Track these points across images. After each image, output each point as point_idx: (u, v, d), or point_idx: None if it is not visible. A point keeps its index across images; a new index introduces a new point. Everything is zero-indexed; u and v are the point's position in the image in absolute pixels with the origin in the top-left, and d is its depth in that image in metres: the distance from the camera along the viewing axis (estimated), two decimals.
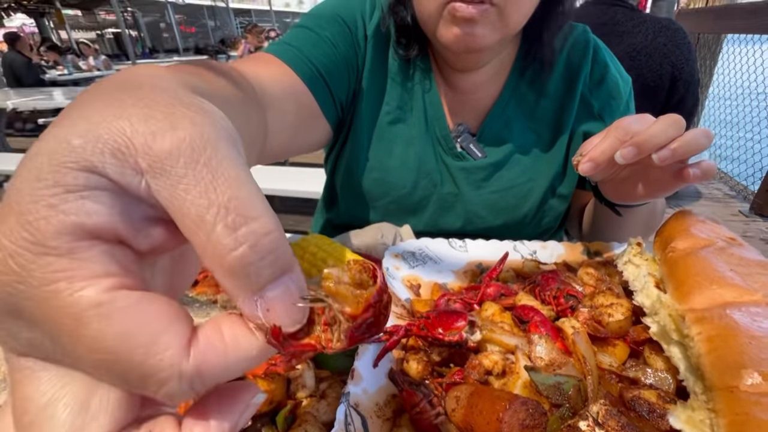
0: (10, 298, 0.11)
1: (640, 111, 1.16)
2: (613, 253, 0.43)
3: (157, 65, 0.22)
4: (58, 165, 0.11)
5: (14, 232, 0.11)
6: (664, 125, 0.30)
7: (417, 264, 0.45)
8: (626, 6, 1.16)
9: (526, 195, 0.55)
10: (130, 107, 0.12)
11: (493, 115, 0.55)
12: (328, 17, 0.52)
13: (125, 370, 0.11)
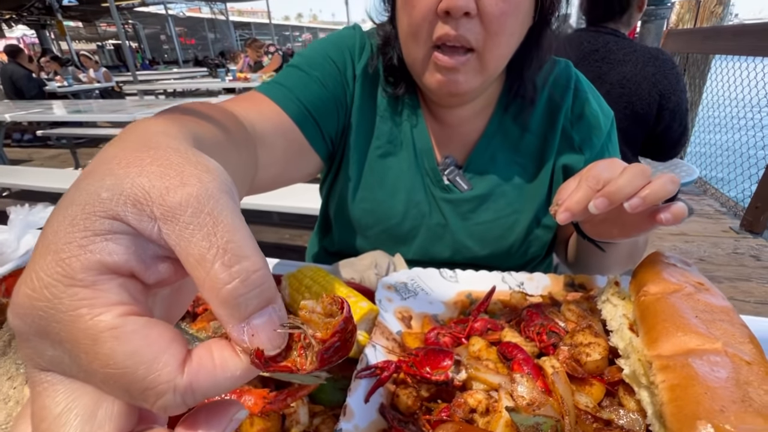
0: (41, 320, 0.14)
1: (630, 136, 1.20)
2: (596, 287, 0.45)
3: (165, 118, 0.25)
4: (89, 213, 0.14)
5: (50, 267, 0.14)
6: (631, 176, 0.32)
7: (409, 295, 0.46)
8: (618, 35, 1.20)
9: (511, 226, 0.57)
10: (148, 166, 0.15)
11: (479, 149, 0.57)
12: (319, 58, 0.55)
13: (130, 383, 0.14)
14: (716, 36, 2.74)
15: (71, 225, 0.14)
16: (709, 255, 2.13)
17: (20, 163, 4.58)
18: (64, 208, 0.15)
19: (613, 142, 0.58)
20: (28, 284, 0.14)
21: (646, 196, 0.31)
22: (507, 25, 0.43)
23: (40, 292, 0.13)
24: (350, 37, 0.57)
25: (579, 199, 0.33)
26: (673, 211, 0.32)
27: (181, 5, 16.07)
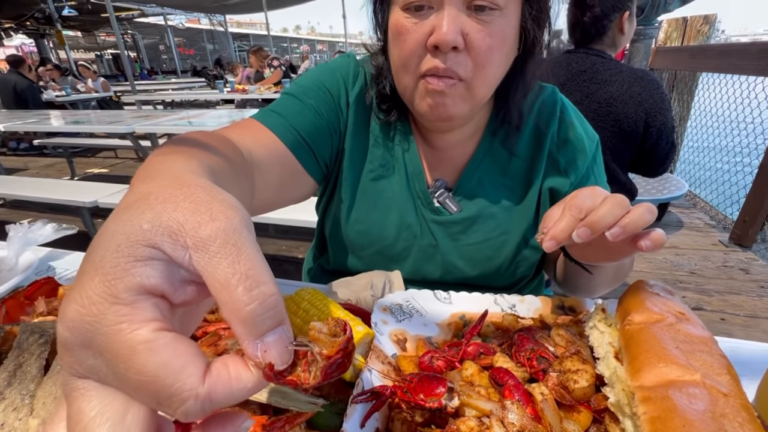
0: (87, 332, 0.16)
1: (619, 153, 1.23)
2: (585, 309, 0.47)
3: (184, 154, 0.29)
4: (133, 242, 0.17)
5: (98, 287, 0.16)
6: (611, 206, 0.34)
7: (404, 317, 0.48)
8: (604, 56, 1.25)
9: (500, 247, 0.59)
10: (182, 202, 0.18)
11: (468, 172, 0.59)
12: (314, 86, 0.57)
13: (159, 390, 0.15)
14: (702, 54, 2.83)
15: (116, 251, 0.16)
16: (699, 268, 2.16)
17: (15, 172, 4.55)
18: (111, 236, 0.17)
19: (598, 165, 0.60)
20: (78, 301, 0.16)
21: (626, 225, 0.33)
22: (493, 58, 0.45)
23: (88, 308, 0.16)
24: (344, 65, 0.60)
25: (563, 228, 0.34)
26: (653, 238, 0.34)
27: (180, 17, 16.25)
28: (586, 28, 1.24)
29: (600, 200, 0.35)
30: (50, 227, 0.74)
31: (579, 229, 0.34)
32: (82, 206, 2.19)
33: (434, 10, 0.44)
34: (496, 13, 0.43)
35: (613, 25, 1.22)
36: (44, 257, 0.72)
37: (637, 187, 1.41)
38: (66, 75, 6.73)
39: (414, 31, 0.45)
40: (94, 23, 14.42)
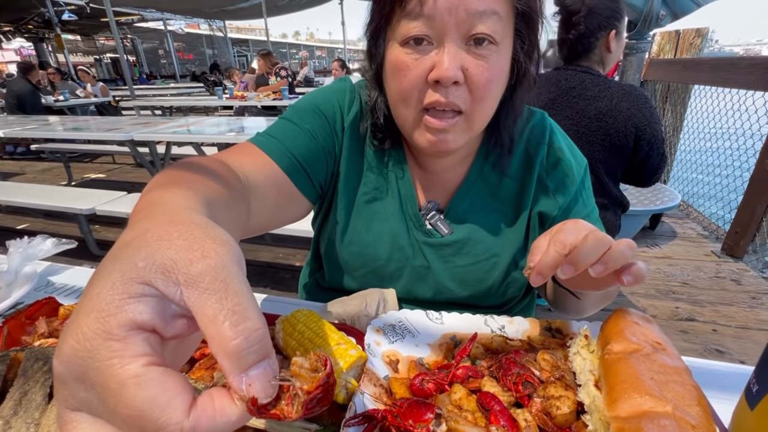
0: (80, 367, 0.17)
1: (611, 166, 1.26)
2: (571, 332, 0.48)
3: (183, 188, 0.31)
4: (128, 279, 0.18)
5: (93, 323, 0.17)
6: (594, 244, 0.35)
7: (396, 338, 0.49)
8: (592, 73, 1.28)
9: (490, 269, 0.60)
10: (176, 240, 0.19)
11: (460, 195, 0.60)
12: (309, 111, 0.59)
13: (145, 423, 0.16)
14: (694, 67, 2.88)
15: (112, 288, 0.17)
16: (692, 278, 2.19)
17: (12, 176, 4.54)
18: (108, 274, 0.18)
19: (586, 189, 0.61)
20: (74, 337, 0.17)
21: (607, 263, 0.34)
22: (491, 91, 0.48)
23: (82, 344, 0.16)
24: (341, 90, 0.61)
25: (548, 264, 0.36)
26: (634, 273, 0.35)
27: (180, 22, 16.34)
28: (572, 46, 1.27)
29: (583, 236, 0.36)
30: (50, 242, 0.75)
31: (563, 266, 0.35)
32: (79, 213, 2.20)
33: (434, 46, 0.46)
34: (493, 48, 0.45)
35: (600, 43, 1.25)
36: (43, 272, 0.73)
37: (628, 199, 1.43)
38: (66, 79, 6.75)
39: (415, 67, 0.46)
40: (94, 27, 14.47)
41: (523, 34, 0.48)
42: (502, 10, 0.45)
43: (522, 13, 0.46)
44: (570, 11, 1.22)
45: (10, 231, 3.01)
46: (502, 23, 0.45)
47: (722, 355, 1.64)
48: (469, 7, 0.43)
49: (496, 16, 0.44)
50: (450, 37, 0.44)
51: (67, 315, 0.48)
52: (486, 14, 0.43)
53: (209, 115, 7.31)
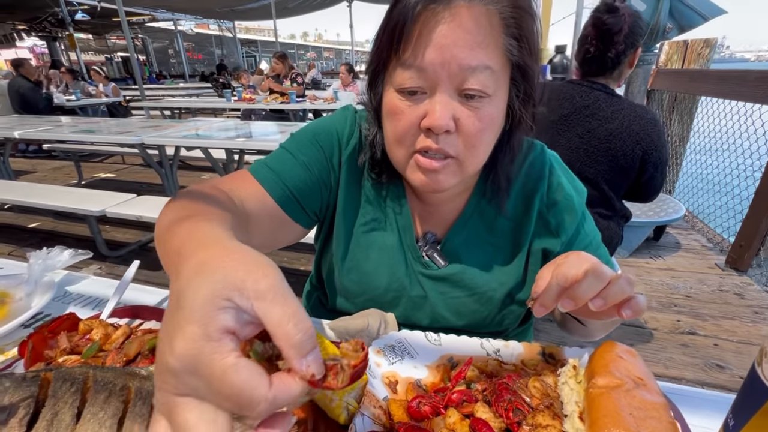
0: (192, 361, 0.22)
1: (616, 185, 1.28)
2: (564, 358, 0.51)
3: (216, 216, 0.38)
4: (215, 296, 0.23)
5: (196, 330, 0.22)
6: (593, 279, 0.36)
7: (396, 359, 0.51)
8: (607, 91, 1.28)
9: (486, 302, 0.61)
10: (238, 265, 0.25)
11: (456, 228, 0.61)
12: (307, 142, 0.60)
13: (241, 398, 0.22)
14: (702, 78, 2.88)
15: (203, 304, 0.23)
16: (695, 291, 2.19)
17: (24, 174, 4.63)
18: (193, 296, 0.24)
19: (587, 219, 0.62)
20: (184, 340, 0.22)
21: (606, 297, 0.36)
22: (483, 139, 0.48)
23: (191, 344, 0.22)
24: (341, 122, 0.62)
25: (550, 297, 0.38)
26: (633, 307, 0.37)
27: (190, 22, 16.52)
28: (605, 63, 1.26)
29: (583, 269, 0.37)
30: (67, 253, 0.78)
31: (563, 300, 0.37)
32: (89, 214, 2.25)
33: (427, 96, 0.47)
34: (486, 100, 0.46)
35: (626, 60, 1.26)
36: (60, 281, 0.76)
37: (632, 210, 1.45)
38: (77, 79, 6.87)
39: (409, 113, 0.47)
40: (106, 27, 14.68)
41: (518, 84, 0.48)
42: (496, 64, 0.45)
43: (517, 65, 0.47)
44: (611, 31, 1.21)
45: (21, 229, 3.08)
46: (494, 76, 0.45)
47: (722, 370, 1.64)
48: (461, 62, 0.43)
49: (488, 70, 0.44)
50: (442, 88, 0.45)
51: (87, 330, 0.51)
52: (478, 69, 0.44)
53: (217, 116, 7.40)
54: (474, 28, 0.43)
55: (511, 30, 0.45)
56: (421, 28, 0.44)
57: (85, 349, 0.47)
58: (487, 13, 0.44)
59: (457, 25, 0.43)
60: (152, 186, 4.04)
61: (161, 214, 0.41)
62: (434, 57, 0.44)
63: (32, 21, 12.16)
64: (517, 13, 0.45)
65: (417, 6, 0.44)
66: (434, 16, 0.43)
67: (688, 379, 1.60)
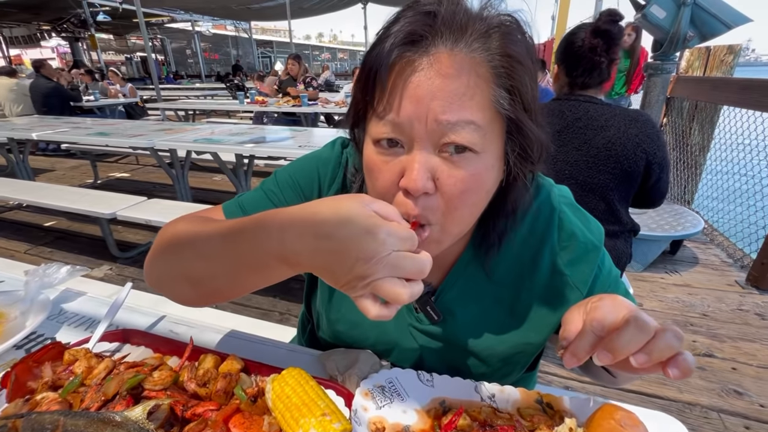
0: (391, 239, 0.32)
1: (623, 193, 1.25)
2: (563, 408, 0.47)
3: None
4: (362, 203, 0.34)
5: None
6: (636, 331, 0.32)
7: (384, 403, 0.49)
8: (595, 102, 1.26)
9: (486, 359, 0.56)
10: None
11: (452, 277, 0.54)
12: (287, 185, 0.57)
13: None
14: (724, 87, 2.77)
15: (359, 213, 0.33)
16: (712, 310, 2.10)
17: (44, 172, 4.77)
18: (348, 210, 0.33)
19: (605, 259, 0.56)
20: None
21: (651, 353, 0.31)
22: (467, 201, 0.42)
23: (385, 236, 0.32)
24: (325, 163, 0.57)
25: (585, 347, 0.34)
26: (681, 367, 0.32)
27: (207, 23, 16.80)
28: (603, 73, 1.25)
29: (621, 317, 0.34)
30: (65, 270, 0.78)
31: (600, 351, 0.33)
32: (101, 217, 2.29)
33: (405, 150, 0.41)
34: (471, 156, 0.39)
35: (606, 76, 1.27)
36: (56, 299, 0.76)
37: (648, 223, 1.41)
38: (96, 80, 7.04)
39: (386, 170, 0.42)
40: (126, 27, 15.06)
41: (514, 138, 0.42)
42: (482, 119, 0.39)
43: (509, 119, 0.41)
44: (614, 41, 1.21)
45: (37, 228, 3.17)
46: (481, 132, 0.39)
47: (741, 397, 1.56)
48: (439, 117, 0.38)
49: (472, 126, 0.38)
50: (420, 144, 0.39)
51: (72, 361, 0.51)
52: (459, 125, 0.38)
53: (231, 117, 7.49)
54: (455, 79, 0.38)
55: (502, 81, 0.39)
56: (395, 78, 0.39)
57: (66, 383, 0.46)
58: (473, 61, 0.38)
59: (436, 75, 0.38)
60: (165, 187, 4.11)
61: (168, 235, 0.48)
62: (410, 111, 0.38)
63: (56, 22, 12.54)
64: (508, 63, 0.39)
65: (392, 53, 0.38)
66: (410, 64, 0.38)
67: (704, 405, 1.53)
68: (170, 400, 0.42)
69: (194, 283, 0.45)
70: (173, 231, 0.48)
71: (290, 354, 0.64)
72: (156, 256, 0.49)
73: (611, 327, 0.34)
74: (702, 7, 2.01)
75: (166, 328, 0.70)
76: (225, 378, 0.49)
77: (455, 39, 0.38)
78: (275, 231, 0.35)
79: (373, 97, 0.41)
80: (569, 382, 1.62)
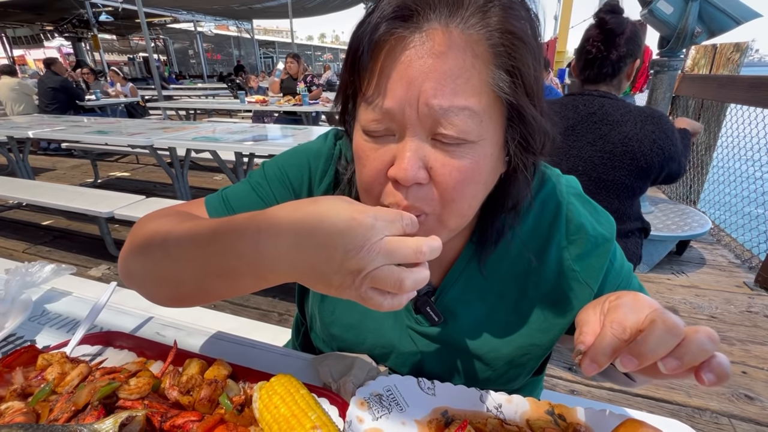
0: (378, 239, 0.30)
1: (637, 188, 1.21)
2: (576, 420, 0.44)
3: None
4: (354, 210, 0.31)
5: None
6: (663, 334, 0.28)
7: (382, 414, 0.45)
8: (610, 97, 1.23)
9: (489, 362, 0.52)
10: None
11: (452, 275, 0.51)
12: (275, 179, 0.53)
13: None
14: (732, 85, 2.72)
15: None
16: (721, 312, 2.05)
17: (44, 171, 4.76)
18: (336, 213, 0.30)
19: (618, 251, 0.52)
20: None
21: (683, 357, 0.28)
22: (464, 192, 0.38)
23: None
24: (315, 157, 0.53)
25: (605, 350, 0.30)
26: (717, 372, 0.28)
27: (209, 23, 16.82)
28: (605, 66, 1.23)
29: (644, 317, 0.30)
30: (49, 268, 0.75)
31: (624, 356, 0.29)
32: (99, 216, 2.26)
33: (396, 138, 0.37)
34: (467, 145, 0.36)
35: (626, 68, 1.23)
36: (39, 299, 0.73)
37: (654, 223, 1.38)
38: (99, 79, 7.04)
39: (374, 158, 0.38)
40: (128, 28, 15.08)
41: (515, 125, 0.38)
42: (477, 103, 0.35)
43: (509, 104, 0.37)
44: (613, 31, 1.18)
45: (36, 226, 3.14)
46: (476, 119, 0.35)
47: (752, 402, 1.52)
48: (430, 101, 0.34)
49: (467, 111, 0.35)
50: (411, 131, 0.36)
51: (45, 366, 0.47)
52: (452, 111, 0.34)
53: (232, 116, 7.47)
54: (450, 58, 0.34)
55: (502, 61, 0.35)
56: (384, 58, 0.35)
57: (36, 391, 0.43)
58: (469, 39, 0.34)
59: (428, 53, 0.34)
60: (165, 186, 4.08)
61: (142, 229, 0.45)
62: (400, 94, 0.35)
63: (59, 22, 12.59)
64: (508, 41, 0.35)
65: (379, 29, 0.34)
66: (400, 41, 0.35)
67: (714, 410, 1.48)
68: (146, 411, 0.39)
69: (161, 285, 0.42)
70: (147, 227, 0.45)
71: (283, 358, 0.60)
72: (127, 253, 0.46)
73: (633, 328, 0.30)
74: (710, 2, 1.96)
75: (153, 331, 0.66)
76: (210, 385, 0.46)
77: (450, 13, 0.34)
78: (250, 233, 0.33)
79: (361, 78, 0.37)
80: (575, 386, 1.58)
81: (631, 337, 0.30)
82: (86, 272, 2.47)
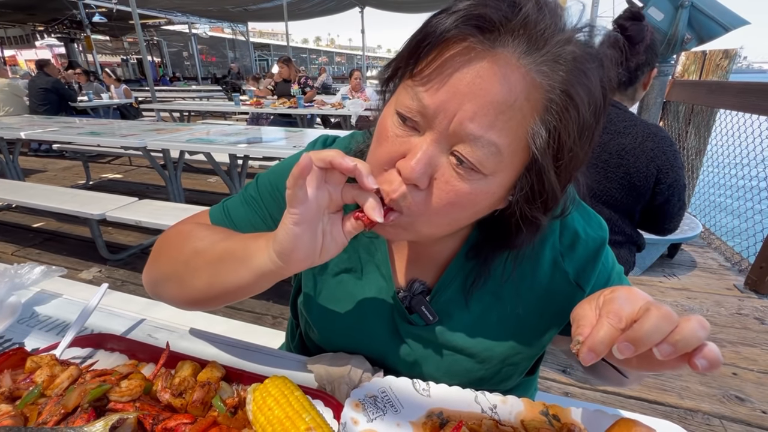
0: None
1: (628, 207, 1.18)
2: (570, 420, 0.44)
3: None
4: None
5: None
6: (658, 320, 0.29)
7: (377, 415, 0.45)
8: (619, 107, 1.22)
9: (483, 361, 0.52)
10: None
11: (448, 275, 0.51)
12: (267, 192, 0.55)
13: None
14: (721, 90, 2.77)
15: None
16: (711, 314, 2.07)
17: (35, 173, 4.69)
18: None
19: (609, 254, 0.53)
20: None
21: (677, 343, 0.29)
22: (449, 214, 0.39)
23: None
24: None
25: (603, 340, 0.31)
26: (709, 358, 0.29)
27: (204, 25, 16.77)
28: (621, 74, 1.19)
29: (639, 307, 0.31)
30: (39, 270, 0.74)
31: (621, 343, 0.30)
32: (90, 218, 2.23)
33: (419, 134, 0.37)
34: (477, 176, 0.36)
35: (643, 76, 1.20)
36: (28, 301, 0.71)
37: (644, 240, 1.36)
38: (92, 81, 6.96)
39: (392, 143, 0.38)
40: (122, 29, 14.98)
41: (528, 177, 0.38)
42: (507, 145, 0.35)
43: (534, 159, 0.36)
44: (633, 39, 1.14)
45: (26, 229, 3.09)
46: (499, 157, 0.35)
47: (743, 403, 1.53)
48: (465, 123, 0.34)
49: (494, 147, 0.34)
50: (436, 137, 0.36)
51: (34, 369, 0.46)
52: (481, 141, 0.34)
53: (227, 119, 7.44)
54: (504, 91, 0.33)
55: (549, 117, 0.34)
56: (447, 58, 0.34)
57: (25, 394, 0.42)
58: (532, 83, 0.34)
59: (487, 76, 0.33)
60: (158, 188, 4.04)
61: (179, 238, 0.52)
62: (442, 99, 0.34)
63: (51, 22, 12.46)
64: (564, 103, 0.34)
65: (451, 30, 0.34)
66: (467, 51, 0.34)
67: (705, 411, 1.50)
68: (137, 413, 0.38)
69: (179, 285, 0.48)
70: (174, 240, 0.50)
71: (277, 360, 0.59)
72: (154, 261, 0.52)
73: (629, 318, 0.31)
74: (700, 10, 2.00)
75: (145, 333, 0.65)
76: (203, 387, 0.45)
77: (527, 50, 0.33)
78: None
79: (416, 62, 0.37)
80: (569, 388, 1.58)
81: (627, 327, 0.31)
82: (77, 275, 2.44)
